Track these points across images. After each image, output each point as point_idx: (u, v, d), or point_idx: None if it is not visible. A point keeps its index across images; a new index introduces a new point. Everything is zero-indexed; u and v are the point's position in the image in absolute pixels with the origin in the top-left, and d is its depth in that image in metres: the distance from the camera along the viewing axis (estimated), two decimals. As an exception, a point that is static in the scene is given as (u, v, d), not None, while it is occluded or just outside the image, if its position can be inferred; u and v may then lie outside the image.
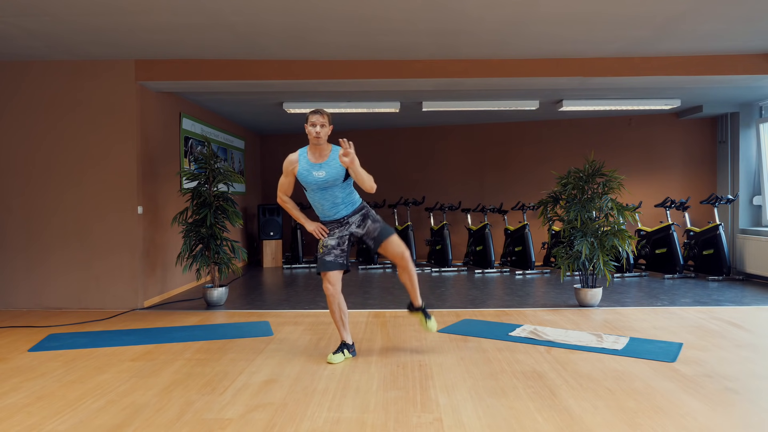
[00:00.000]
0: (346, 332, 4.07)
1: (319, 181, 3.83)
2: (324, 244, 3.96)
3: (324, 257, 3.94)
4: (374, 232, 3.97)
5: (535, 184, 9.39)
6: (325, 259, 3.93)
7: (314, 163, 3.85)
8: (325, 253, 3.94)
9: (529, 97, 7.51)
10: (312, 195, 3.92)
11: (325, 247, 3.95)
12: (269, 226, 9.66)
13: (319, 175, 3.83)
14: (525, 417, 2.95)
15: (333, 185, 3.85)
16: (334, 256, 3.92)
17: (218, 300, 6.09)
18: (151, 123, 6.34)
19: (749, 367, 3.77)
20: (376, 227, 3.97)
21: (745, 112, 8.21)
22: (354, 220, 3.97)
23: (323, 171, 3.83)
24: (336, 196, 3.89)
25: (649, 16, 4.74)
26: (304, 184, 3.90)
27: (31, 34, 5.07)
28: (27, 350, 4.37)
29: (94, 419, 2.98)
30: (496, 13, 4.65)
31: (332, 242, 3.94)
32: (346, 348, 4.03)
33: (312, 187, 3.87)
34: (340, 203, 3.92)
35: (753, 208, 8.25)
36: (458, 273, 8.61)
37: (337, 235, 3.95)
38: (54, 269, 6.00)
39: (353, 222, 3.97)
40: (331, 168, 3.83)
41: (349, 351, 4.04)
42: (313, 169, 3.84)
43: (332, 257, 3.92)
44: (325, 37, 5.24)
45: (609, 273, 5.81)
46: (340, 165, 3.81)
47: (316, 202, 3.94)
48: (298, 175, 3.90)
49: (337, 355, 3.96)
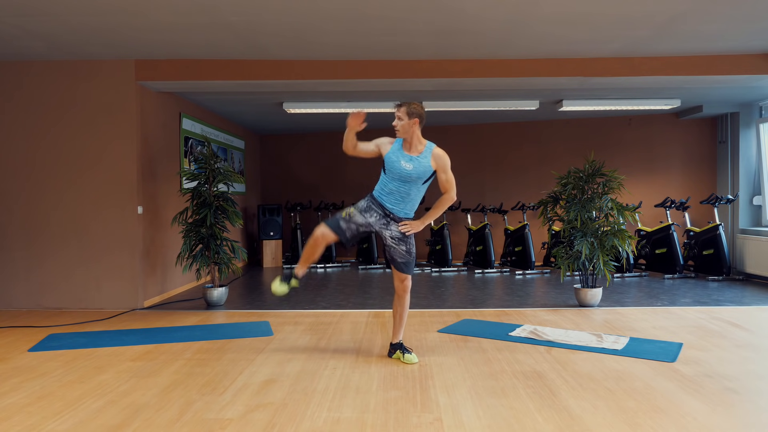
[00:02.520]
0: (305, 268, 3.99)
1: (403, 172, 3.80)
2: (351, 214, 3.88)
3: (340, 220, 3.87)
4: (400, 258, 3.91)
5: (535, 184, 9.38)
6: (340, 222, 3.86)
7: (406, 154, 3.84)
8: (345, 219, 3.87)
9: (529, 97, 7.51)
10: (389, 182, 3.86)
11: (348, 215, 3.88)
12: (269, 226, 9.66)
13: (406, 167, 3.80)
14: (525, 417, 2.95)
15: (414, 181, 3.83)
16: (348, 228, 3.85)
17: (218, 300, 6.09)
18: (151, 123, 6.34)
19: (749, 367, 3.77)
20: (405, 257, 3.92)
21: (745, 112, 8.21)
22: (394, 229, 3.89)
23: (411, 164, 3.81)
24: (409, 192, 3.86)
25: (649, 16, 4.74)
26: (389, 169, 3.85)
27: (31, 34, 5.07)
28: (27, 350, 4.37)
29: (94, 419, 2.98)
30: (496, 13, 4.65)
31: (360, 219, 3.87)
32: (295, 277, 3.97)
33: (394, 175, 3.83)
34: (408, 201, 3.88)
35: (753, 208, 8.25)
36: (458, 273, 8.61)
37: (371, 220, 3.87)
38: (54, 269, 6.00)
39: (393, 229, 3.90)
40: (419, 164, 3.81)
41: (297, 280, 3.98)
42: (403, 158, 3.82)
43: (345, 226, 3.85)
44: (325, 37, 5.24)
45: (609, 273, 5.81)
46: (428, 164, 3.82)
47: (389, 189, 3.87)
48: (387, 158, 3.85)
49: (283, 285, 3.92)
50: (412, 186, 3.84)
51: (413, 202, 3.91)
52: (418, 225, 3.91)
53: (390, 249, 3.92)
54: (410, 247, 3.94)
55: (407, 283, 3.98)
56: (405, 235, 3.91)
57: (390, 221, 3.90)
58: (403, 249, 3.91)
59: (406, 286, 3.98)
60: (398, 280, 3.98)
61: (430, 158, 3.82)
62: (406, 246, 3.92)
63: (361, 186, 7.59)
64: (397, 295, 4.02)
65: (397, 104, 3.85)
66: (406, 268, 3.94)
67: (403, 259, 3.92)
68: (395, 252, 3.92)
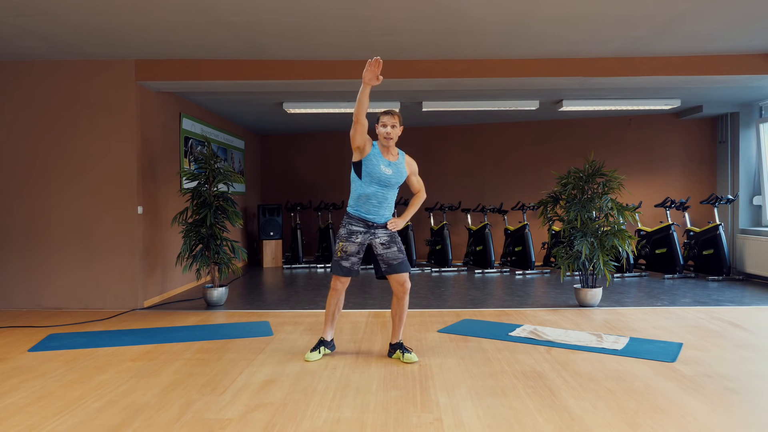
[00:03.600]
0: (332, 329, 4.11)
1: (383, 177, 3.85)
2: (344, 249, 3.93)
3: (341, 262, 3.94)
4: (395, 260, 3.93)
5: (535, 184, 9.38)
6: (342, 264, 3.94)
7: (385, 159, 3.88)
8: (343, 258, 3.93)
9: (529, 97, 7.51)
10: (366, 187, 3.88)
11: (344, 252, 3.93)
12: (269, 226, 9.66)
13: (386, 171, 3.86)
14: (525, 417, 2.95)
15: (392, 186, 3.91)
16: (351, 263, 3.94)
17: (218, 300, 6.09)
18: (151, 123, 6.34)
19: (749, 367, 3.77)
20: (398, 257, 3.94)
21: (745, 112, 8.21)
22: (381, 234, 3.94)
23: (391, 169, 3.88)
24: (387, 197, 3.92)
25: (649, 16, 4.74)
26: (367, 172, 3.86)
27: (31, 34, 5.07)
28: (27, 350, 4.37)
29: (94, 419, 2.98)
30: (495, 13, 4.65)
31: (353, 249, 3.93)
32: (324, 345, 4.08)
33: (372, 179, 3.86)
34: (386, 206, 3.94)
35: (753, 208, 8.25)
36: (458, 273, 8.61)
37: (359, 240, 3.92)
38: (54, 269, 6.00)
39: (380, 236, 3.93)
40: (397, 170, 3.91)
41: (327, 347, 4.09)
42: (383, 163, 3.86)
43: (349, 264, 3.93)
44: (325, 37, 5.24)
45: (609, 273, 5.81)
46: (405, 169, 3.97)
47: (366, 195, 3.88)
48: (366, 160, 3.86)
49: (314, 353, 4.01)
50: (389, 190, 3.93)
51: (390, 205, 3.98)
52: (401, 222, 4.00)
53: (383, 256, 3.94)
54: (400, 245, 3.99)
55: (407, 285, 3.99)
56: (391, 236, 3.96)
57: (373, 232, 3.94)
58: (394, 249, 3.95)
59: (406, 288, 3.99)
60: (398, 284, 3.98)
61: (404, 164, 3.97)
62: (397, 246, 3.96)
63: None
64: (396, 297, 4.02)
65: (389, 112, 3.89)
66: (403, 267, 3.95)
67: (398, 259, 3.94)
68: (388, 256, 3.94)
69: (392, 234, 3.96)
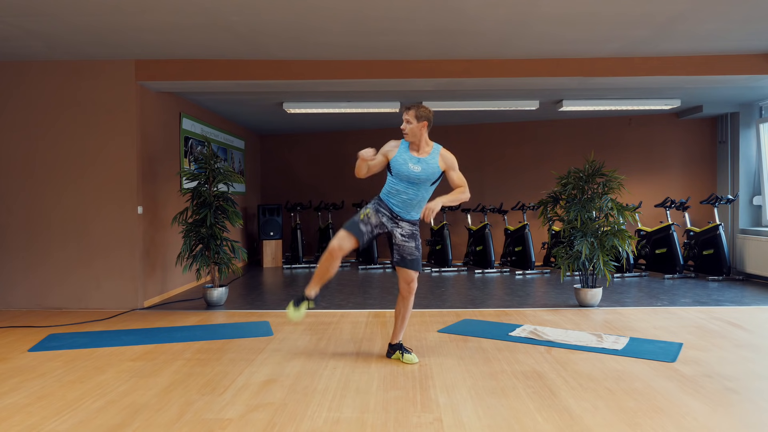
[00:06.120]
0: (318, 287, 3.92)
1: (411, 174, 3.81)
2: (368, 215, 3.89)
3: (359, 222, 3.88)
4: (409, 255, 3.92)
5: (535, 184, 9.38)
6: (360, 225, 3.87)
7: (413, 156, 3.84)
8: (364, 221, 3.88)
9: (529, 97, 7.51)
10: (396, 184, 3.87)
11: (367, 217, 3.89)
12: (269, 226, 9.66)
13: (414, 169, 3.81)
14: (525, 417, 2.95)
15: (423, 183, 3.83)
16: (366, 230, 3.87)
17: (218, 300, 6.09)
18: (151, 123, 6.34)
19: (749, 367, 3.77)
20: (413, 254, 3.93)
21: (745, 112, 8.20)
22: (404, 227, 3.92)
23: (419, 166, 3.81)
24: (417, 195, 3.85)
25: (649, 16, 4.74)
26: (396, 172, 3.85)
27: (31, 34, 5.07)
28: (27, 350, 4.37)
29: (94, 419, 2.98)
30: (496, 13, 4.65)
31: (375, 220, 3.89)
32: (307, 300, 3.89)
33: (402, 177, 3.84)
34: (415, 204, 3.88)
35: (753, 208, 8.25)
36: (458, 273, 8.61)
37: (383, 220, 3.90)
38: (54, 269, 6.00)
39: (402, 228, 3.91)
40: (428, 166, 3.82)
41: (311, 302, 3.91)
42: (411, 161, 3.82)
43: (365, 228, 3.87)
44: (325, 37, 5.24)
45: (609, 273, 5.81)
46: (437, 165, 3.83)
47: (396, 190, 3.88)
48: (393, 161, 3.85)
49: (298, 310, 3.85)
50: (420, 188, 3.84)
51: (420, 205, 3.90)
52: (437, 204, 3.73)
53: (400, 247, 3.93)
54: (418, 244, 3.96)
55: (413, 285, 3.98)
56: (413, 233, 3.94)
57: (396, 223, 3.92)
58: (412, 245, 3.92)
59: (412, 288, 3.98)
60: (405, 282, 3.97)
61: (438, 159, 3.84)
62: (415, 242, 3.94)
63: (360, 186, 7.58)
64: (401, 296, 4.02)
65: (406, 107, 3.86)
66: (415, 264, 3.94)
67: (413, 256, 3.93)
68: (405, 249, 3.92)
69: (415, 232, 3.94)
